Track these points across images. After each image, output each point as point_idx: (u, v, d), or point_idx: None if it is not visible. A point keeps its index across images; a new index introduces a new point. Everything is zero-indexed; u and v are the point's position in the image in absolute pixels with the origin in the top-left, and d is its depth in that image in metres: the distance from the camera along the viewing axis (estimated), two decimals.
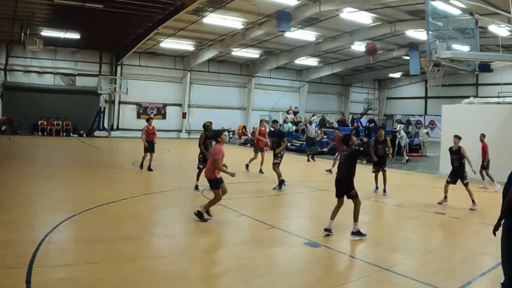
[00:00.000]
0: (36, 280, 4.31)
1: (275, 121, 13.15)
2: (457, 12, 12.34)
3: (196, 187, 9.76)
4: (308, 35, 23.19)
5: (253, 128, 20.26)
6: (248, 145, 26.09)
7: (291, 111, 27.88)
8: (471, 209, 8.74)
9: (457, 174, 9.15)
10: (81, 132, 26.76)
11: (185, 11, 17.80)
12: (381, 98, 41.01)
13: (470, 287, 4.69)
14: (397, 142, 18.35)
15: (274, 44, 25.83)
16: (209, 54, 27.50)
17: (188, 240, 6.29)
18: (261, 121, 14.81)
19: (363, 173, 15.30)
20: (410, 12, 18.64)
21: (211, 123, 10.06)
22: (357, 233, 6.36)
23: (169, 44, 25.43)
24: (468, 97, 17.01)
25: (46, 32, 22.47)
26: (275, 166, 10.50)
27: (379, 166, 10.48)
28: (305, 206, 8.87)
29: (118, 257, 5.23)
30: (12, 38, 23.77)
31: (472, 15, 11.32)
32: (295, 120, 26.80)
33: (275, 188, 10.38)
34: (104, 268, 4.68)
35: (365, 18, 19.68)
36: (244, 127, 29.80)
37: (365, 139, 19.16)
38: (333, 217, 6.47)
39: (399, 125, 25.48)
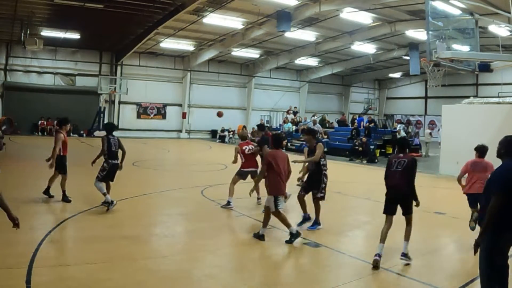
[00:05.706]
0: (36, 280, 4.31)
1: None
2: (457, 12, 12.37)
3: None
4: (308, 35, 23.19)
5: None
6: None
7: (291, 111, 27.89)
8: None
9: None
10: (81, 132, 26.74)
11: (185, 11, 17.81)
12: (381, 98, 41.01)
13: (470, 287, 4.69)
14: None
15: (274, 44, 25.83)
16: (209, 54, 27.50)
17: (188, 240, 6.28)
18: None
19: (361, 172, 15.39)
20: (410, 12, 18.64)
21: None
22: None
23: (169, 44, 25.44)
24: (468, 97, 16.99)
25: (46, 32, 22.48)
26: None
27: None
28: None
29: (118, 257, 5.23)
30: (12, 38, 23.78)
31: (472, 15, 11.34)
32: (295, 120, 26.81)
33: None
34: (104, 268, 4.68)
35: (365, 18, 19.69)
36: (244, 127, 29.76)
37: (364, 139, 19.26)
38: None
39: (399, 125, 25.51)
